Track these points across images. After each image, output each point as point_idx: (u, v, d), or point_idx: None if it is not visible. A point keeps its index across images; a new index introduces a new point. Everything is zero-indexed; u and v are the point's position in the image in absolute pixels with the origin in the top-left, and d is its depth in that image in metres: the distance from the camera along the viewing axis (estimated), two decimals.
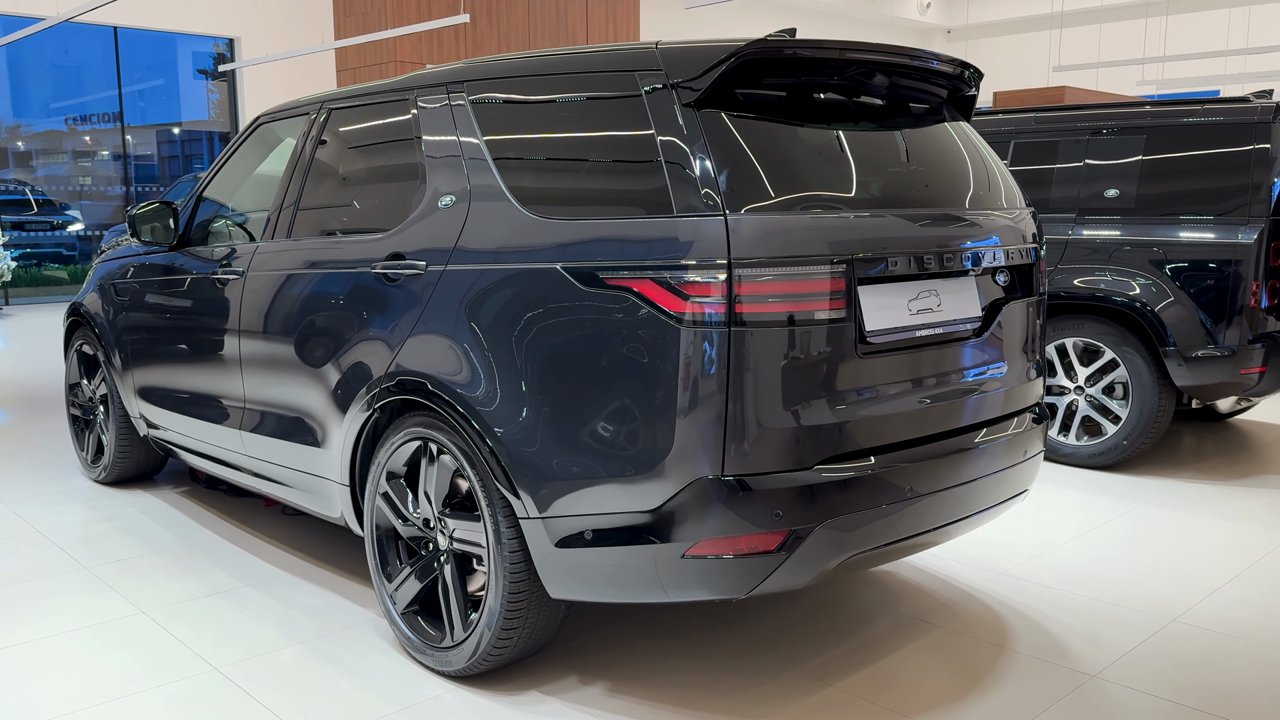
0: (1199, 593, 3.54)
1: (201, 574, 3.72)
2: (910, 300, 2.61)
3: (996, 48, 23.32)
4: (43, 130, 18.54)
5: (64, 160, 18.59)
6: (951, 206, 2.78)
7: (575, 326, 2.51)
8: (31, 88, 19.03)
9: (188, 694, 2.83)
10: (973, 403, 2.77)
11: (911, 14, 23.06)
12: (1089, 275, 5.10)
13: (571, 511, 2.53)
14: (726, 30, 19.40)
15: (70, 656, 3.06)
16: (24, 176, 17.76)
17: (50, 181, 18.45)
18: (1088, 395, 5.15)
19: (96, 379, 4.85)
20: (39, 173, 18.40)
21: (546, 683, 2.88)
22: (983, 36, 23.67)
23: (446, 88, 3.04)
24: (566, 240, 2.56)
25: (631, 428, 2.43)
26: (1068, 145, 5.34)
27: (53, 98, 19.09)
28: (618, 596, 2.58)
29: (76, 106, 18.38)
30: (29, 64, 18.72)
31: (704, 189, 2.37)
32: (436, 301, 2.84)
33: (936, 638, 3.18)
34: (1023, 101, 12.16)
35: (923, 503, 2.60)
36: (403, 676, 2.92)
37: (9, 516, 4.40)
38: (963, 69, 2.95)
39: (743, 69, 2.49)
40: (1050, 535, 4.13)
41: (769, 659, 3.02)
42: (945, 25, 24.24)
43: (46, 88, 19.31)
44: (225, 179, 4.09)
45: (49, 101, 18.83)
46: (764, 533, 2.39)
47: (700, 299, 2.33)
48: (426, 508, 2.94)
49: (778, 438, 2.38)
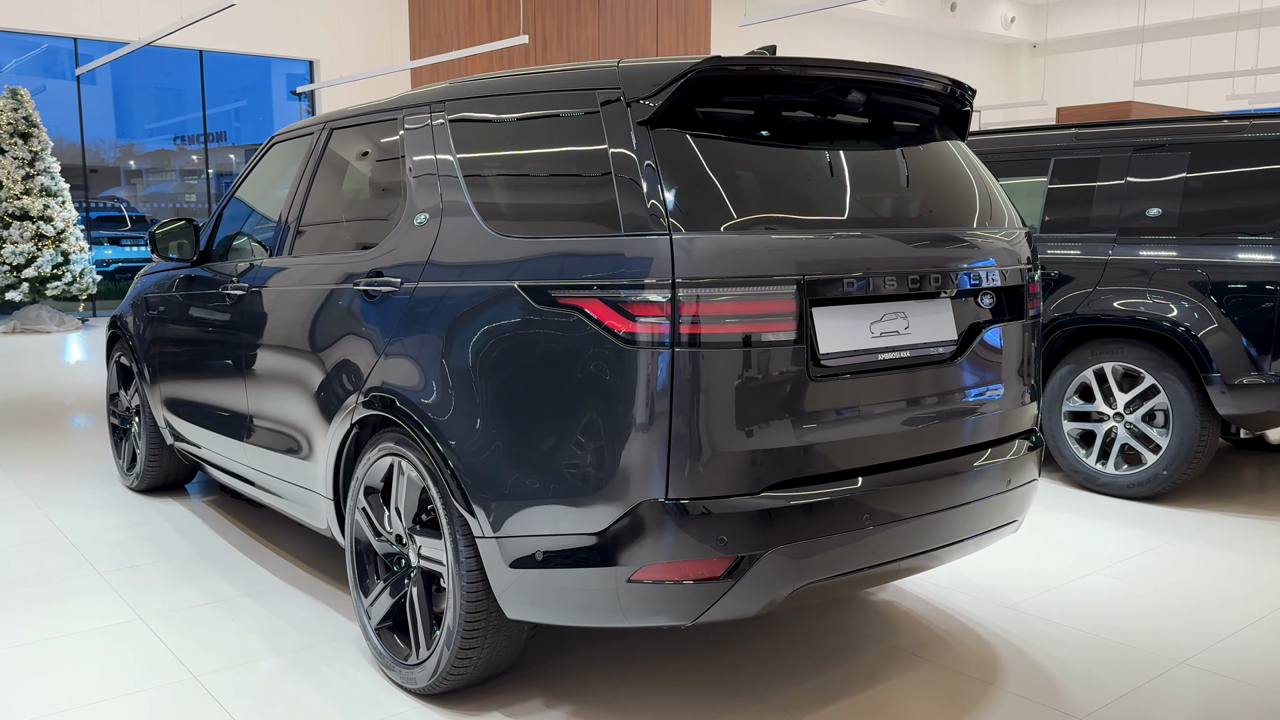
0: (1217, 634, 3.35)
1: (205, 582, 3.80)
2: (873, 322, 2.53)
3: (1080, 62, 22.72)
4: (154, 150, 19.48)
5: (171, 178, 19.49)
6: (926, 227, 2.69)
7: (529, 344, 2.49)
8: (136, 109, 19.99)
9: (161, 701, 2.88)
10: (945, 429, 2.67)
11: (995, 29, 22.61)
12: (1129, 297, 4.89)
13: (523, 531, 2.51)
14: (791, 47, 19.28)
15: (60, 660, 3.14)
16: (134, 194, 18.67)
17: (157, 199, 19.37)
18: (1127, 423, 4.94)
19: (131, 389, 5.01)
20: (147, 190, 19.31)
21: (511, 704, 2.86)
22: (1068, 51, 23.08)
23: (430, 107, 3.06)
24: (523, 258, 2.55)
25: (579, 449, 2.40)
26: (1109, 162, 5.15)
27: (154, 118, 20.01)
28: (570, 619, 2.54)
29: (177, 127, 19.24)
30: (134, 87, 19.66)
31: (651, 207, 2.33)
32: (407, 318, 2.86)
33: (923, 672, 3.06)
34: (1086, 117, 11.79)
35: (884, 531, 2.51)
36: (371, 692, 2.93)
37: (41, 520, 4.57)
38: (948, 86, 2.86)
39: (700, 87, 2.45)
40: (1069, 569, 3.95)
41: (741, 688, 2.95)
42: (1030, 40, 23.70)
43: (150, 109, 20.26)
44: (244, 196, 4.20)
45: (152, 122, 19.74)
46: (709, 558, 2.33)
47: (645, 319, 2.29)
48: (398, 524, 2.95)
49: (724, 461, 2.33)
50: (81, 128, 14.12)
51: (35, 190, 12.07)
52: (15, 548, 4.19)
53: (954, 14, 21.34)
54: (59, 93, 14.56)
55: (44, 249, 12.04)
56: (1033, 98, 23.26)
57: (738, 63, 2.44)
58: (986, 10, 21.94)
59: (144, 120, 19.92)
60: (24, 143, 12.08)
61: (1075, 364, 5.08)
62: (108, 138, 18.92)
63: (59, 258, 12.11)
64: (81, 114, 14.07)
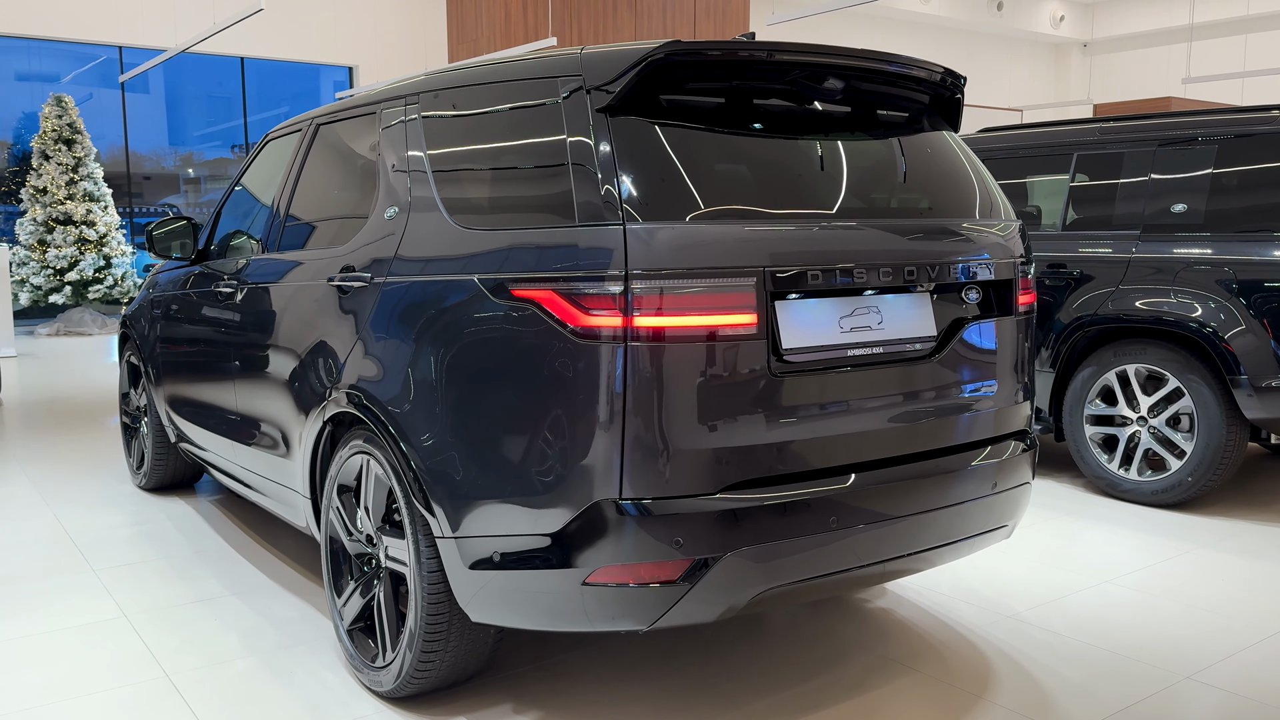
0: (1230, 648, 3.18)
1: (196, 580, 3.79)
2: (842, 317, 2.42)
3: (1131, 61, 22.20)
4: (212, 158, 19.86)
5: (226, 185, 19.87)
6: (904, 219, 2.57)
7: (486, 339, 2.43)
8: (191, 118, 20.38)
9: (131, 700, 2.86)
10: (922, 429, 2.55)
11: (1044, 28, 22.18)
12: (1152, 297, 4.71)
13: (481, 532, 2.44)
14: None
15: (41, 656, 3.14)
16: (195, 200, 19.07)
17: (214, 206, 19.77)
18: (1150, 427, 4.75)
19: (140, 388, 5.04)
20: (205, 197, 19.68)
21: (479, 709, 2.79)
22: (1119, 50, 22.57)
23: (404, 100, 3.02)
24: (482, 251, 2.49)
25: (533, 447, 2.33)
26: (1133, 157, 4.96)
27: (208, 125, 20.38)
28: (532, 623, 2.47)
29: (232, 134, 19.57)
30: (189, 95, 20.05)
31: (606, 197, 2.26)
32: (375, 314, 2.82)
33: (910, 682, 2.94)
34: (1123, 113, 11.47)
35: (853, 535, 2.40)
36: (340, 694, 2.88)
37: (48, 518, 4.60)
38: (932, 73, 2.74)
39: (662, 73, 2.37)
40: (1080, 577, 3.80)
41: (716, 696, 2.85)
42: (1080, 39, 23.22)
43: (205, 117, 20.63)
44: (240, 194, 4.20)
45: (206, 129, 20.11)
46: (666, 561, 2.25)
47: (597, 312, 2.22)
48: (368, 523, 2.90)
49: (680, 460, 2.24)
50: (126, 135, 14.39)
51: (78, 195, 12.31)
52: (17, 544, 4.22)
53: (1001, 13, 20.97)
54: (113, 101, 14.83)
55: (86, 253, 12.27)
56: (1083, 97, 22.78)
57: (698, 47, 2.35)
58: (1035, 9, 21.54)
59: (199, 128, 20.30)
60: (68, 149, 12.33)
61: (1098, 366, 4.90)
62: (166, 146, 19.33)
63: (101, 261, 12.33)
64: (126, 121, 14.33)
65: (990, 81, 22.08)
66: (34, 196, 12.25)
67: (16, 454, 5.94)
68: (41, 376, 9.17)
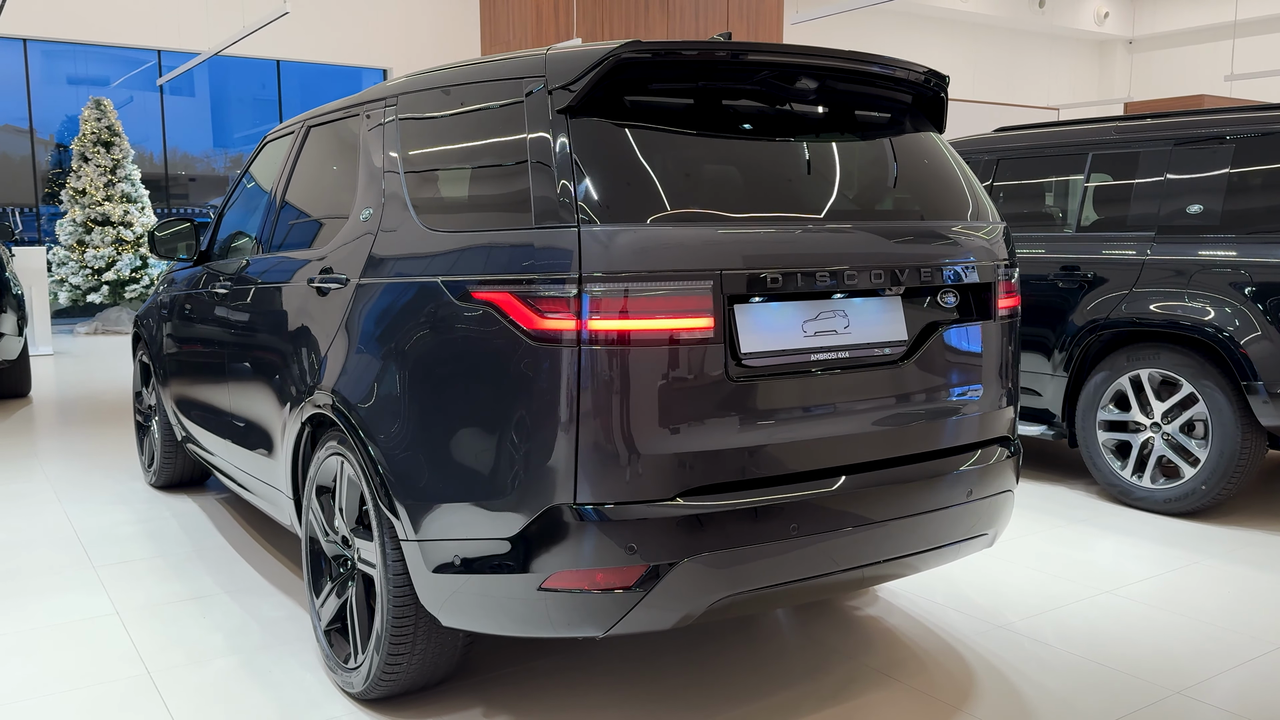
0: (1226, 663, 3.08)
1: (191, 579, 3.83)
2: (806, 321, 2.38)
3: (1176, 58, 21.75)
4: None
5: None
6: (874, 221, 2.52)
7: (446, 340, 2.42)
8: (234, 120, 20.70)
9: (108, 697, 2.88)
10: (890, 435, 2.50)
11: (1088, 25, 21.80)
12: (1166, 300, 4.59)
13: (442, 535, 2.44)
14: (857, 46, 18.89)
15: (28, 651, 3.18)
16: None
17: None
18: (1164, 433, 4.63)
19: (150, 387, 5.11)
20: None
21: (449, 712, 2.78)
22: (1164, 47, 22.12)
23: (384, 102, 3.02)
24: (445, 252, 2.48)
25: (490, 450, 2.31)
26: (1148, 157, 4.85)
27: (250, 127, 20.67)
28: (494, 628, 2.45)
29: None
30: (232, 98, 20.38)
31: (563, 198, 2.24)
32: (348, 315, 2.82)
33: (888, 694, 2.89)
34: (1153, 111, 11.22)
35: (816, 543, 2.36)
36: (315, 695, 2.89)
37: (57, 515, 4.68)
38: (909, 73, 2.68)
39: (624, 73, 2.34)
40: (1080, 587, 3.71)
41: (690, 704, 2.82)
42: (1126, 36, 22.80)
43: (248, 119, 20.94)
44: (240, 195, 4.23)
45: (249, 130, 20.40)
46: (620, 567, 2.22)
47: (551, 315, 2.20)
48: (342, 525, 2.91)
49: (634, 465, 2.21)
50: (164, 137, 14.63)
51: (116, 197, 12.54)
52: (23, 540, 4.30)
53: (1043, 10, 20.65)
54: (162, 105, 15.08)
55: (123, 253, 12.49)
56: (1125, 96, 22.36)
57: (657, 48, 2.32)
58: (1079, 6, 21.18)
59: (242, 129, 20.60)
60: (106, 151, 12.56)
61: (1111, 370, 4.79)
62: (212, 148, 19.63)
63: (137, 261, 12.54)
64: (165, 123, 14.57)
65: (1030, 80, 21.75)
66: (73, 198, 12.50)
67: (38, 450, 6.05)
68: (75, 374, 9.34)
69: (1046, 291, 5.07)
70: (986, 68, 20.83)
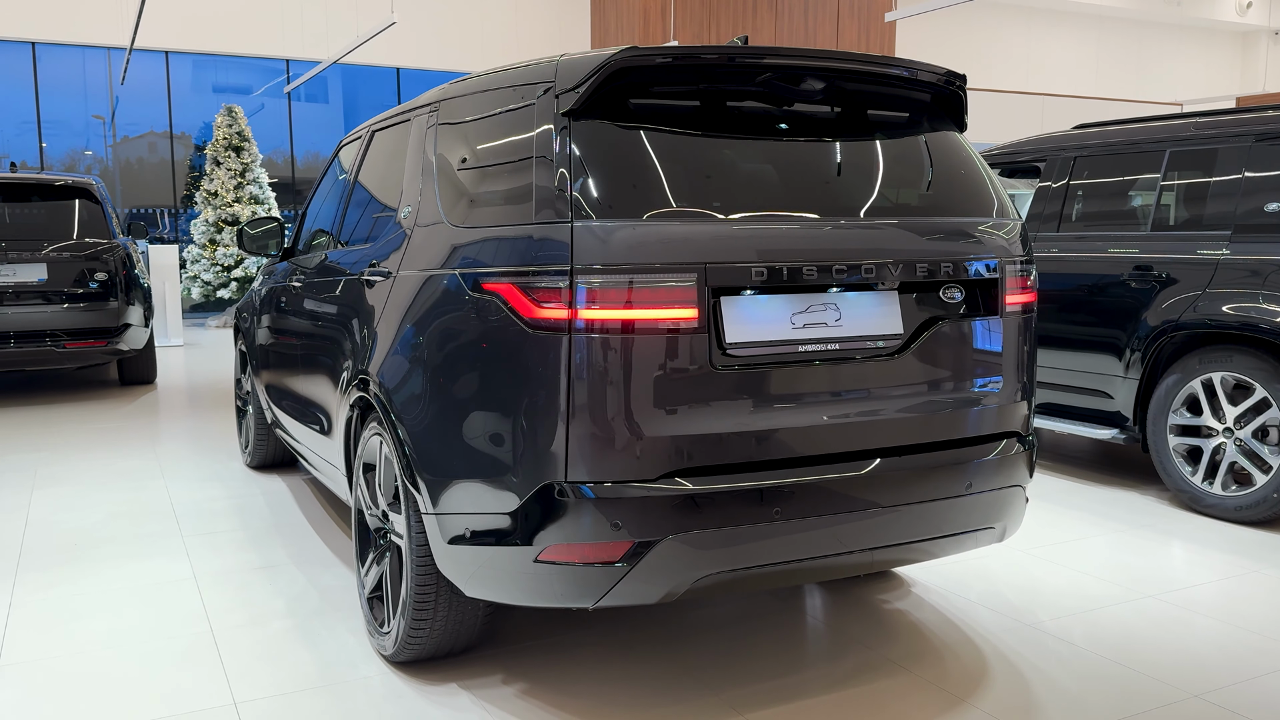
0: (1254, 671, 3.02)
1: (265, 549, 4.14)
2: (795, 314, 2.47)
3: None
4: None
5: None
6: (867, 218, 2.58)
7: (461, 328, 2.60)
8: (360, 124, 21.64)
9: (172, 649, 3.18)
10: (881, 426, 2.56)
11: (1229, 15, 20.76)
12: (1239, 301, 4.45)
13: (455, 509, 2.62)
14: (977, 43, 18.44)
15: (113, 607, 3.52)
16: None
17: None
18: (1236, 439, 4.48)
19: (247, 374, 5.50)
20: None
21: (471, 678, 2.97)
22: None
23: (429, 108, 3.23)
24: (463, 246, 2.66)
25: (495, 430, 2.48)
26: (1227, 154, 4.69)
27: None
28: (501, 596, 2.62)
29: None
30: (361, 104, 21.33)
31: (560, 195, 2.39)
32: (388, 305, 3.04)
33: (896, 682, 2.94)
34: None
35: (802, 527, 2.44)
36: (354, 656, 3.12)
37: (158, 490, 5.10)
38: (915, 73, 2.73)
39: (625, 78, 2.48)
40: (1123, 590, 3.65)
41: (699, 681, 2.93)
42: (1271, 26, 21.60)
43: None
44: (319, 195, 4.54)
45: None
46: (607, 542, 2.36)
47: (547, 305, 2.35)
48: (381, 500, 3.13)
49: (621, 447, 2.35)
50: (292, 141, 15.45)
51: (245, 199, 13.32)
52: (125, 511, 4.70)
53: (1179, 2, 19.76)
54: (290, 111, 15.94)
55: None
56: (1262, 88, 21.18)
57: (654, 53, 2.45)
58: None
59: None
60: (236, 156, 13.35)
61: (1183, 373, 4.67)
62: None
63: (263, 259, 13.29)
64: (292, 128, 15.38)
65: (1158, 75, 20.83)
66: (206, 199, 13.33)
67: (154, 432, 6.56)
68: (200, 364, 10.00)
69: (1120, 292, 4.96)
70: (1110, 63, 20.07)
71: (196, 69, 16.61)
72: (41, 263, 7.43)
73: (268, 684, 2.94)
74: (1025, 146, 5.81)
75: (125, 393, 8.18)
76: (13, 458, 5.82)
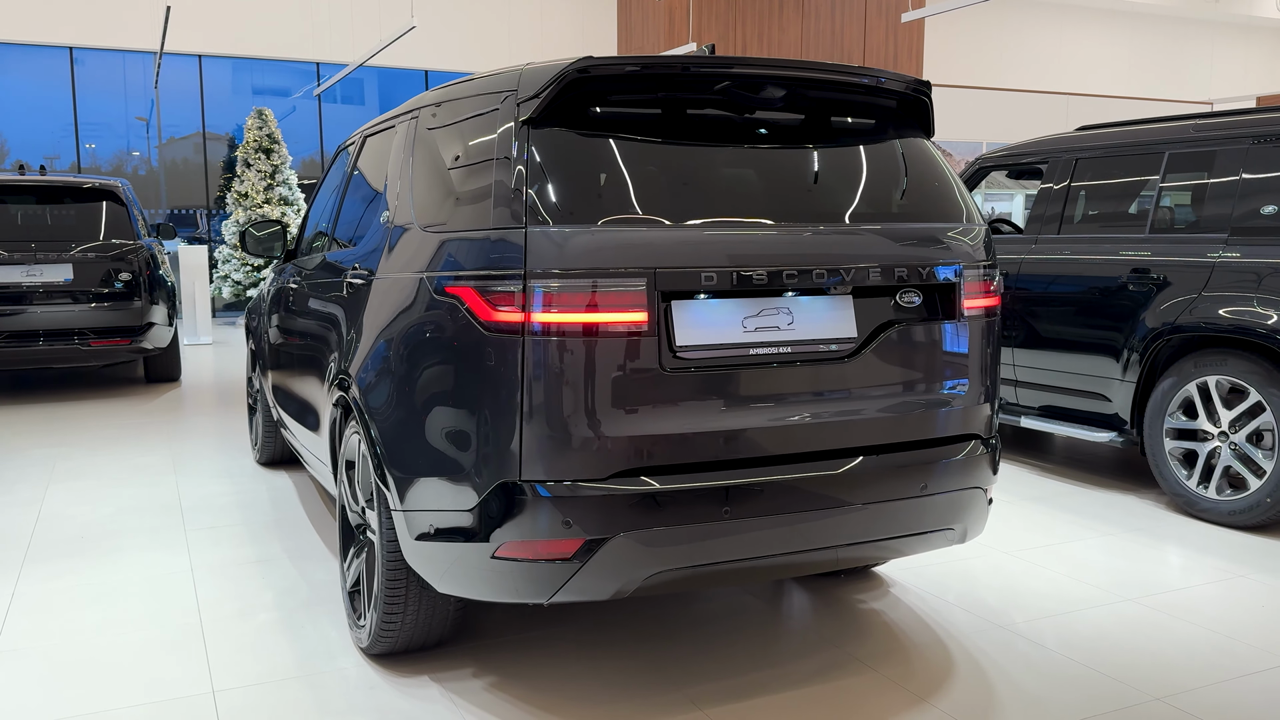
0: (1221, 675, 3.02)
1: (263, 544, 4.25)
2: (747, 317, 2.52)
3: None
4: None
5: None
6: (821, 224, 2.62)
7: (424, 330, 2.68)
8: None
9: (161, 639, 3.29)
10: (833, 428, 2.60)
11: (1269, 12, 20.41)
12: (1235, 304, 4.42)
13: (420, 506, 2.70)
14: (1008, 43, 18.27)
15: (111, 598, 3.64)
16: None
17: None
18: (1231, 443, 4.46)
19: (255, 373, 5.63)
20: None
21: (443, 670, 3.05)
22: None
23: (411, 114, 3.32)
24: (429, 250, 2.74)
25: (456, 430, 2.56)
26: (1224, 156, 4.66)
27: None
28: (464, 591, 2.69)
29: None
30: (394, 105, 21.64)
31: (517, 201, 2.46)
32: (366, 307, 3.13)
33: (859, 682, 2.98)
34: None
35: (750, 527, 2.49)
36: (333, 648, 3.21)
37: (169, 485, 5.24)
38: (876, 80, 2.77)
39: (583, 87, 2.54)
40: (1102, 593, 3.66)
41: (665, 678, 2.99)
42: None
43: None
44: (319, 200, 4.65)
45: None
46: (559, 539, 2.42)
47: (502, 308, 2.42)
48: (360, 497, 3.22)
49: (572, 447, 2.41)
50: (321, 142, 15.67)
51: (275, 199, 13.55)
52: (133, 505, 4.84)
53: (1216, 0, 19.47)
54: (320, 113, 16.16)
55: None
56: None
57: (610, 63, 2.51)
58: None
59: None
60: (267, 158, 13.59)
61: (1178, 376, 4.64)
62: None
63: None
64: (322, 130, 15.61)
65: (1191, 73, 20.51)
66: (237, 200, 13.58)
67: (170, 429, 6.72)
68: (225, 362, 10.20)
69: (1117, 294, 4.94)
70: (1143, 61, 19.81)
71: (236, 72, 16.91)
72: (68, 263, 7.64)
73: (247, 673, 3.04)
74: (1028, 148, 5.79)
75: (150, 390, 8.38)
76: (35, 452, 6.00)
